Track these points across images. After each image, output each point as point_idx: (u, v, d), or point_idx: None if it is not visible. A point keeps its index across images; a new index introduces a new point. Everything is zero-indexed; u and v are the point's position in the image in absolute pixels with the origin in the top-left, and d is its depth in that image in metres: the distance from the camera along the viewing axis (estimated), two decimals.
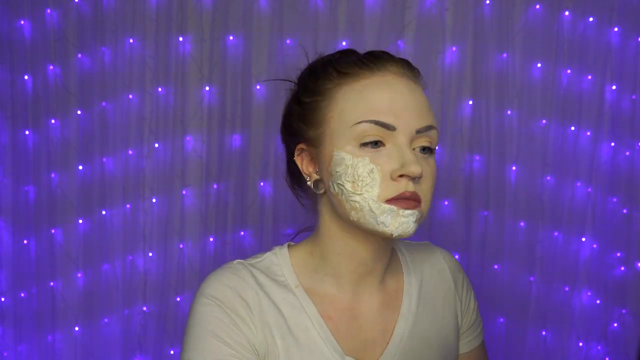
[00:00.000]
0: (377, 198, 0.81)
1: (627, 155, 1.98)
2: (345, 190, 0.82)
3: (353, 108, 0.83)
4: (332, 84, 0.86)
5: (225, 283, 0.87)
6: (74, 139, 2.10)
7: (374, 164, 0.81)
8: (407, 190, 0.81)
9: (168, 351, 2.12)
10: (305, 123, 0.88)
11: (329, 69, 0.88)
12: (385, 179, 0.81)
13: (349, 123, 0.82)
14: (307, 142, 0.89)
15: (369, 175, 0.81)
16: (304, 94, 0.90)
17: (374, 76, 0.85)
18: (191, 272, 2.12)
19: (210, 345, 0.84)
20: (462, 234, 2.05)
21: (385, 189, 0.81)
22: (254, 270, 0.90)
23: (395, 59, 0.88)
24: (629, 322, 2.00)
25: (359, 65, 0.86)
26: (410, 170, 0.80)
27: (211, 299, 0.86)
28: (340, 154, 0.83)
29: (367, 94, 0.83)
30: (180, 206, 2.11)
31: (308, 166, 0.90)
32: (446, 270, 1.04)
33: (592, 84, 2.00)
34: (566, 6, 1.99)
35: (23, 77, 2.07)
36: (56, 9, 2.06)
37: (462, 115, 2.04)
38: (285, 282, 0.90)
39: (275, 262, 0.92)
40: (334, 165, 0.84)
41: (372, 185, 0.81)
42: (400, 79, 0.85)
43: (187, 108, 2.09)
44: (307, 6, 2.04)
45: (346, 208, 0.83)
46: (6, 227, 2.11)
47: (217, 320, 0.85)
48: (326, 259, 0.90)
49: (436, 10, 2.02)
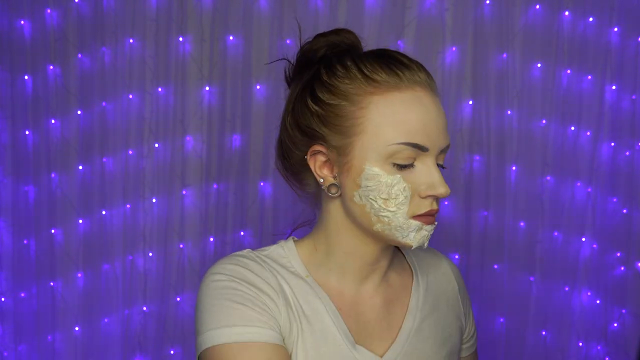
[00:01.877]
0: (406, 214, 0.84)
1: (627, 155, 1.98)
2: (376, 205, 0.83)
3: (389, 126, 0.82)
4: (361, 90, 0.83)
5: (240, 264, 0.86)
6: (74, 139, 2.10)
7: (406, 183, 0.83)
8: (433, 208, 0.85)
9: (168, 351, 2.12)
10: (330, 128, 0.85)
11: (349, 65, 0.85)
12: (414, 197, 0.84)
13: (384, 142, 0.82)
14: (328, 146, 0.86)
15: (402, 193, 0.83)
16: (322, 91, 0.85)
17: (406, 89, 0.83)
18: (191, 272, 2.12)
19: (236, 311, 0.81)
20: (462, 234, 2.05)
21: (414, 206, 0.84)
22: (265, 258, 0.90)
23: (417, 66, 0.86)
24: (629, 322, 2.00)
25: (385, 71, 0.83)
26: (440, 192, 0.83)
27: (226, 275, 0.84)
28: (374, 169, 0.83)
29: (403, 112, 0.83)
30: (180, 206, 2.11)
31: (322, 168, 0.88)
32: (450, 274, 1.06)
33: (592, 84, 2.00)
34: (566, 6, 1.99)
35: (23, 77, 2.07)
36: (56, 9, 2.06)
37: (462, 115, 2.04)
38: (296, 271, 0.91)
39: (282, 254, 0.92)
40: (364, 179, 0.83)
41: (404, 203, 0.83)
42: (427, 92, 0.85)
43: (187, 108, 2.09)
44: (307, 6, 2.04)
45: (372, 220, 0.85)
46: (6, 227, 2.11)
47: (237, 291, 0.82)
48: (331, 255, 0.91)
49: (436, 10, 2.02)
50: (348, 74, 0.84)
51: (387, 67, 0.84)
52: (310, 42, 0.92)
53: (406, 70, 0.84)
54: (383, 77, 0.83)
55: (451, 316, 1.01)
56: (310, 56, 0.91)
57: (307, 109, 0.87)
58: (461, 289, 1.06)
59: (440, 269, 1.05)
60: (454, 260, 2.06)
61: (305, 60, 0.91)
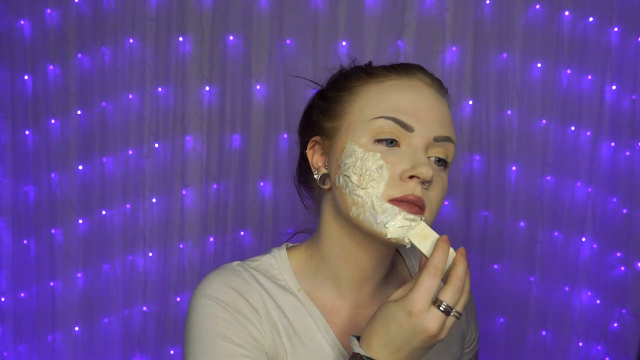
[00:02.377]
0: (380, 195, 0.79)
1: (627, 155, 1.98)
2: (351, 182, 0.80)
3: (374, 104, 0.83)
4: (360, 82, 0.86)
5: (227, 284, 0.85)
6: (74, 139, 2.10)
7: (384, 161, 0.79)
8: (413, 193, 0.79)
9: (168, 351, 2.12)
10: (325, 115, 0.88)
11: (360, 70, 0.88)
12: (393, 178, 0.79)
13: (367, 117, 0.82)
14: (322, 133, 0.88)
15: (377, 170, 0.79)
16: (330, 90, 0.89)
17: (402, 80, 0.85)
18: (191, 272, 2.12)
19: (219, 347, 0.81)
20: (462, 234, 2.05)
21: (391, 187, 0.79)
22: (254, 272, 0.88)
23: (426, 72, 0.87)
24: (629, 322, 2.00)
25: (389, 69, 0.86)
26: (420, 171, 0.78)
27: (214, 300, 0.83)
28: (353, 146, 0.82)
29: (391, 92, 0.83)
30: (180, 206, 2.11)
31: (318, 160, 0.89)
32: None
33: (592, 84, 2.00)
34: (566, 6, 1.99)
35: (23, 77, 2.07)
36: (56, 9, 2.06)
37: (462, 115, 2.04)
38: (287, 285, 0.89)
39: (274, 265, 0.90)
40: (344, 157, 0.82)
41: (378, 182, 0.79)
42: (427, 87, 0.85)
43: (187, 108, 2.09)
44: (307, 6, 2.04)
45: (347, 202, 0.81)
46: (6, 227, 2.11)
47: (223, 321, 0.82)
48: (325, 261, 0.89)
49: (436, 10, 2.02)
50: (355, 74, 0.88)
51: (391, 67, 0.86)
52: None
53: (410, 69, 0.86)
54: (383, 72, 0.86)
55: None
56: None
57: (314, 105, 0.91)
58: None
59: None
60: None
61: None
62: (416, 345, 0.73)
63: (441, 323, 0.72)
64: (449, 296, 0.72)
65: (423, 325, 0.71)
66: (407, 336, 0.72)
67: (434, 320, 0.71)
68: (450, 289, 0.73)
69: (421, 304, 0.71)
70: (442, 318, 0.72)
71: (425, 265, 0.74)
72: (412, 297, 0.72)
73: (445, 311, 0.72)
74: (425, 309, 0.71)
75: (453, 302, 0.73)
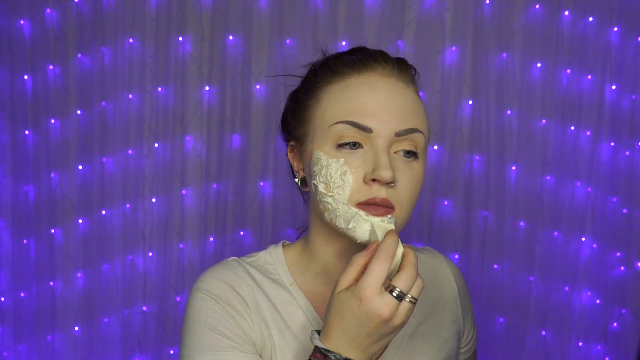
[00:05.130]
0: (347, 201, 0.79)
1: (627, 155, 1.98)
2: (319, 191, 0.82)
3: (333, 108, 0.82)
4: (324, 82, 0.86)
5: (220, 278, 0.88)
6: (74, 139, 2.10)
7: (347, 167, 0.79)
8: (377, 196, 0.78)
9: (168, 351, 2.12)
10: (296, 120, 0.89)
11: (326, 68, 0.87)
12: (357, 182, 0.79)
13: (328, 123, 0.82)
14: (295, 139, 0.90)
15: (341, 177, 0.79)
16: (301, 92, 0.90)
17: (360, 76, 0.83)
18: (191, 272, 2.12)
19: (208, 337, 0.84)
20: (462, 234, 2.05)
21: (356, 192, 0.79)
22: (249, 267, 0.91)
23: (387, 59, 0.86)
24: (629, 322, 2.00)
25: (350, 66, 0.85)
26: (380, 174, 0.78)
27: (206, 294, 0.87)
28: (318, 153, 0.82)
29: (348, 93, 0.82)
30: (180, 206, 2.11)
31: (298, 164, 0.91)
32: (450, 276, 1.03)
33: (592, 84, 2.00)
34: (566, 6, 1.99)
35: (23, 77, 2.07)
36: (56, 9, 2.07)
37: (462, 115, 2.04)
38: (280, 280, 0.91)
39: (269, 261, 0.93)
40: (312, 165, 0.83)
41: (343, 188, 0.79)
42: (387, 80, 0.83)
43: (187, 108, 2.09)
44: (307, 6, 2.04)
45: (321, 208, 0.83)
46: (6, 227, 2.11)
47: (213, 313, 0.85)
48: (315, 257, 0.91)
49: (436, 10, 2.02)
50: (323, 73, 0.87)
51: (353, 62, 0.85)
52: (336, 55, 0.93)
53: (370, 61, 0.84)
54: (344, 70, 0.85)
55: (448, 321, 0.99)
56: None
57: (288, 109, 0.93)
58: (461, 292, 1.04)
59: (439, 271, 1.03)
60: (454, 260, 2.06)
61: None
62: (371, 332, 0.72)
63: (394, 308, 0.72)
64: (402, 282, 0.72)
65: (374, 311, 0.71)
66: (362, 322, 0.72)
67: (386, 305, 0.71)
68: (404, 275, 0.73)
69: (371, 289, 0.71)
70: (395, 303, 0.72)
71: (376, 251, 0.74)
72: (362, 283, 0.72)
73: (398, 297, 0.72)
74: (376, 294, 0.71)
75: (407, 288, 0.73)
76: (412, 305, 0.73)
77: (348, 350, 0.73)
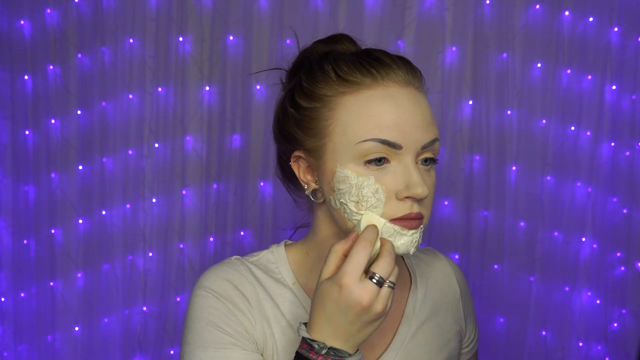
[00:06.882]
0: (381, 217, 0.79)
1: (627, 155, 1.98)
2: (349, 209, 0.80)
3: (357, 123, 0.79)
4: (333, 91, 0.82)
5: (223, 276, 0.88)
6: (74, 139, 2.10)
7: (379, 184, 0.78)
8: (412, 211, 0.79)
9: (168, 351, 2.12)
10: (304, 131, 0.84)
11: (327, 69, 0.83)
12: (390, 198, 0.79)
13: (353, 140, 0.79)
14: (305, 151, 0.85)
15: (373, 195, 0.78)
16: (300, 96, 0.85)
17: (378, 87, 0.81)
18: (191, 272, 2.12)
19: (209, 334, 0.84)
20: (462, 234, 2.05)
21: (390, 208, 0.79)
22: (251, 266, 0.91)
23: (398, 64, 0.83)
24: (629, 322, 2.00)
25: (361, 72, 0.81)
26: (415, 193, 0.78)
27: (208, 291, 0.87)
28: (344, 171, 0.80)
29: (372, 108, 0.79)
30: (180, 206, 2.11)
31: (305, 174, 0.87)
32: (452, 277, 1.03)
33: (592, 84, 2.00)
34: (566, 6, 1.99)
35: (23, 77, 2.07)
36: (56, 9, 2.06)
37: (462, 115, 2.04)
38: (282, 279, 0.91)
39: (272, 260, 0.93)
40: (336, 182, 0.81)
41: (376, 206, 0.79)
42: (404, 89, 0.81)
43: (187, 108, 2.09)
44: (307, 6, 2.04)
45: (348, 224, 0.82)
46: (6, 227, 2.11)
47: (215, 310, 0.86)
48: (322, 259, 0.89)
49: (436, 10, 2.02)
50: (324, 77, 0.83)
51: (362, 67, 0.82)
52: (307, 49, 0.91)
53: (382, 68, 0.82)
54: (357, 78, 0.81)
55: (450, 321, 0.99)
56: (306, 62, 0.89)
57: (287, 114, 0.87)
58: (463, 293, 1.04)
59: (441, 271, 1.03)
60: (454, 260, 2.05)
61: (300, 66, 0.90)
62: (354, 319, 0.73)
63: (373, 295, 0.73)
64: (381, 267, 0.74)
65: (354, 298, 0.72)
66: (343, 310, 0.73)
67: (365, 291, 0.72)
68: (382, 261, 0.74)
69: (350, 276, 0.72)
70: (375, 289, 0.73)
71: (356, 240, 0.76)
72: (342, 270, 0.73)
73: (378, 282, 0.73)
74: (356, 280, 0.72)
75: (386, 274, 0.74)
76: (391, 290, 0.75)
77: (332, 339, 0.74)
